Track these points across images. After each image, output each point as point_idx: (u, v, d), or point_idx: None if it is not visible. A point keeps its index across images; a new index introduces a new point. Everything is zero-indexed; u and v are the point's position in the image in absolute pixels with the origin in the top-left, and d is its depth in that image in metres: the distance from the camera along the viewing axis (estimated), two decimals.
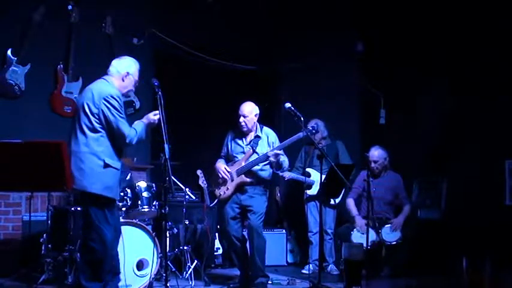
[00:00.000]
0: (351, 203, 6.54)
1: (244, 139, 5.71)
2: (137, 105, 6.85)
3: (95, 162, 4.46)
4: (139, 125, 4.66)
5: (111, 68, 4.68)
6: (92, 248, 4.49)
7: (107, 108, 4.46)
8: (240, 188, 5.59)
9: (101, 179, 4.48)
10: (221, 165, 5.68)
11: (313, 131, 5.66)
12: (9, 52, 6.18)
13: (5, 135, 5.53)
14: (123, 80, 4.67)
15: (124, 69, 4.68)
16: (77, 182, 4.47)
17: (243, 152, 5.66)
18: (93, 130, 4.47)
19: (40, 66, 6.35)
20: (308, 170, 6.67)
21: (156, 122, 4.70)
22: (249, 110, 5.62)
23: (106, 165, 4.48)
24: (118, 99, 4.52)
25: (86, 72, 6.39)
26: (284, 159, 5.59)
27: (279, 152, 5.47)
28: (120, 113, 4.52)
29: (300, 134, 5.52)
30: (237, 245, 5.65)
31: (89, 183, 4.46)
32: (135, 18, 7.02)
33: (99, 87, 4.56)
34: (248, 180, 5.56)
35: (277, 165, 5.57)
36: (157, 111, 4.69)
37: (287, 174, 6.63)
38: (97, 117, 4.47)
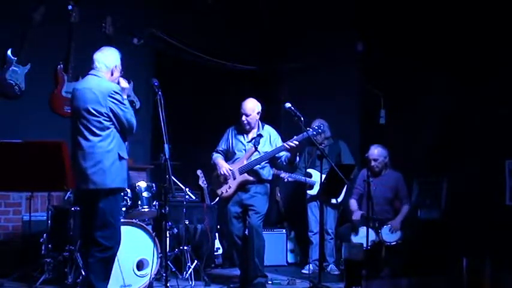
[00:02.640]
0: (353, 203, 6.53)
1: (246, 136, 5.67)
2: (137, 105, 6.85)
3: (112, 158, 4.49)
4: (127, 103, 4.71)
5: (99, 64, 4.64)
6: (106, 246, 4.50)
7: (114, 104, 4.49)
8: (243, 187, 5.56)
9: (119, 172, 4.54)
10: (222, 162, 5.64)
11: (319, 131, 5.65)
12: (9, 52, 6.17)
13: (5, 135, 5.54)
14: (112, 74, 4.66)
15: (112, 63, 4.65)
16: (96, 181, 4.45)
17: (245, 150, 5.63)
18: (104, 128, 4.48)
19: (40, 66, 6.35)
20: (309, 170, 6.67)
21: (128, 85, 4.77)
22: (251, 108, 5.57)
23: (120, 158, 4.54)
24: (119, 91, 4.57)
25: (86, 72, 6.36)
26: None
27: (296, 143, 5.41)
28: (125, 104, 4.56)
29: (305, 134, 5.47)
30: (238, 244, 5.64)
31: (110, 179, 4.48)
32: (135, 18, 7.02)
33: (98, 85, 4.53)
34: (251, 178, 5.53)
35: (292, 158, 5.50)
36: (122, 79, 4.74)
37: (285, 175, 6.62)
38: (106, 115, 4.47)
